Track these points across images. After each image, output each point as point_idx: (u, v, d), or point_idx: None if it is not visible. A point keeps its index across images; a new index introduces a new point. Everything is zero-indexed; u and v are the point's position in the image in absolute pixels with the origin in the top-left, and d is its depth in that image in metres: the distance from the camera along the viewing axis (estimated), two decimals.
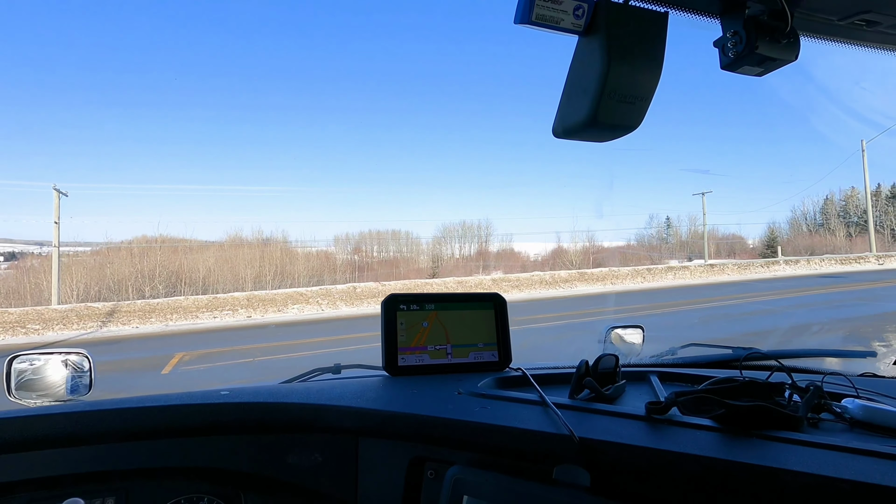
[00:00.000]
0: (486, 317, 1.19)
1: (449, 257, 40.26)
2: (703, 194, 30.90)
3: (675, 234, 43.83)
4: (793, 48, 0.76)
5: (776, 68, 0.80)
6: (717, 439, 0.76)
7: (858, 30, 0.82)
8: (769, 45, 0.74)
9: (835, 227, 38.48)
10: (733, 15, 0.77)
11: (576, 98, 0.74)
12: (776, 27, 0.74)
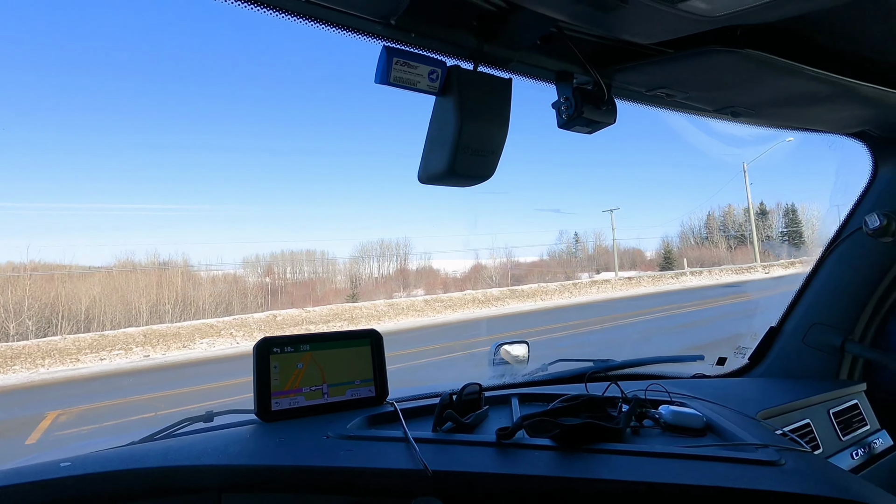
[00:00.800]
0: (362, 354, 1.20)
1: (368, 277, 38.53)
2: (611, 211, 32.94)
3: (583, 249, 46.38)
4: (611, 113, 0.96)
5: (600, 129, 0.99)
6: (554, 458, 0.86)
7: (662, 99, 1.08)
8: (592, 110, 0.93)
9: (717, 240, 43.56)
10: (565, 84, 0.95)
11: (436, 150, 0.84)
12: (598, 96, 0.94)
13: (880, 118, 1.25)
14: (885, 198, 1.42)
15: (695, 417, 0.95)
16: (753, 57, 0.86)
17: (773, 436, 0.95)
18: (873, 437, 1.36)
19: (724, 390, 1.35)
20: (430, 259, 40.50)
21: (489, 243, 71.19)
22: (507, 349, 1.88)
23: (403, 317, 19.87)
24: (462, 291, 23.10)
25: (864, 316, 1.48)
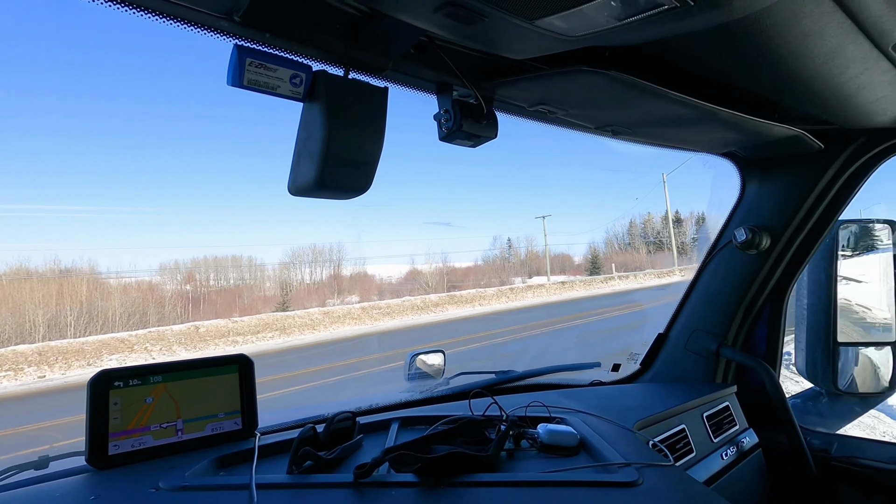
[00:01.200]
0: (228, 382, 1.07)
1: (299, 283, 37.25)
2: (543, 218, 34.20)
3: (516, 254, 47.70)
4: (492, 127, 0.96)
5: (483, 143, 0.99)
6: (416, 496, 0.78)
7: (545, 115, 1.09)
8: (472, 123, 0.93)
9: (638, 246, 46.60)
10: (445, 95, 0.94)
11: (304, 161, 0.78)
12: (478, 109, 0.93)
13: (742, 141, 1.35)
14: (751, 213, 1.55)
15: (569, 436, 0.94)
16: (620, 79, 0.88)
17: (642, 449, 0.97)
18: (742, 435, 1.47)
19: (612, 398, 1.39)
20: (364, 265, 39.95)
21: (425, 248, 71.57)
22: (423, 359, 1.84)
23: (340, 325, 19.37)
24: (400, 298, 22.94)
25: (736, 322, 1.60)
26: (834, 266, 1.68)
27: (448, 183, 66.24)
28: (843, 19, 0.75)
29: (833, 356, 1.72)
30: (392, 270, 38.94)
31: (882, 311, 1.77)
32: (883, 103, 1.11)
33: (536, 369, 1.71)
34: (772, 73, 0.93)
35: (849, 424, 1.83)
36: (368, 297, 30.29)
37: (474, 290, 23.76)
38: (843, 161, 1.39)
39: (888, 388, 1.74)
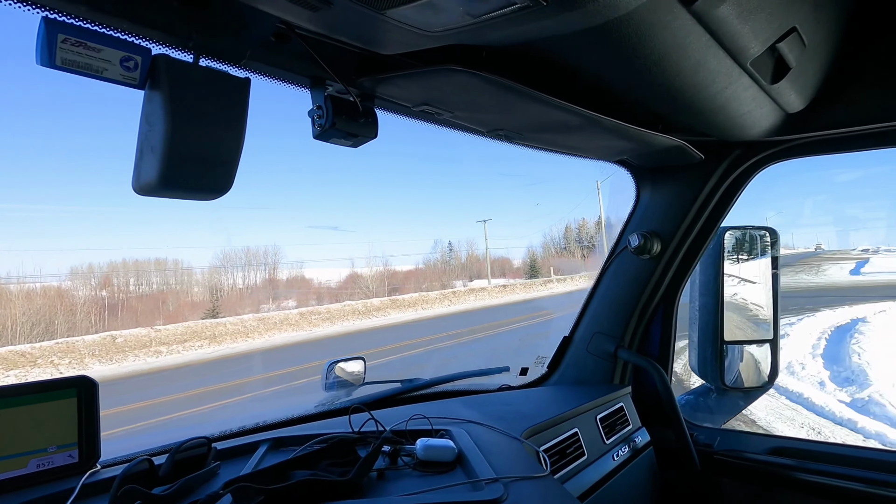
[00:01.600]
0: (63, 409, 0.93)
1: (231, 288, 35.47)
2: (484, 222, 34.77)
3: (456, 257, 48.15)
4: (371, 126, 0.92)
5: (363, 143, 0.94)
6: None
7: (432, 116, 1.04)
8: (348, 122, 0.88)
9: (573, 250, 48.56)
10: (318, 91, 0.88)
11: (147, 156, 0.70)
12: (353, 107, 0.89)
13: (632, 149, 1.40)
14: (644, 219, 1.62)
15: (447, 450, 0.91)
16: (495, 81, 0.87)
17: (522, 460, 0.97)
18: (635, 435, 1.53)
19: (511, 404, 1.40)
20: (302, 268, 38.72)
21: (366, 252, 70.60)
22: (342, 367, 1.77)
23: (276, 332, 18.61)
24: (341, 302, 22.38)
25: (632, 324, 1.67)
26: (721, 270, 1.79)
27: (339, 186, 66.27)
28: (701, 33, 0.78)
29: (720, 354, 1.83)
30: (331, 274, 38.02)
31: (763, 311, 1.91)
32: (750, 118, 1.19)
33: (444, 376, 1.68)
34: (646, 83, 0.96)
35: (777, 417, 1.95)
36: (307, 301, 29.36)
37: (416, 293, 23.67)
38: (723, 171, 1.48)
39: (767, 382, 1.88)
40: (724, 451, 1.53)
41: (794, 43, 0.91)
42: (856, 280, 23.76)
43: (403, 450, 0.94)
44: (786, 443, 1.52)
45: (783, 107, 1.18)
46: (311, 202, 62.82)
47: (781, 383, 7.08)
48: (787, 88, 1.08)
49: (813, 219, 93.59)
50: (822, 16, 0.92)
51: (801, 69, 1.03)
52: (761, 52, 0.89)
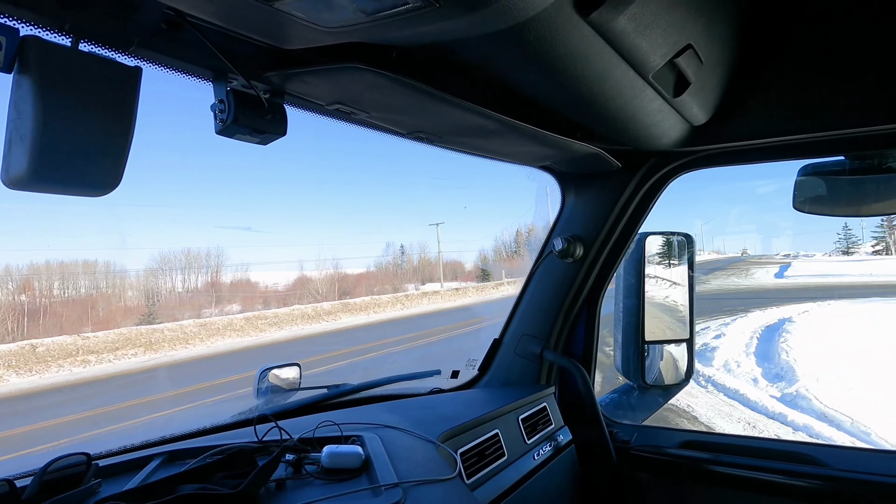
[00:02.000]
0: None
1: (170, 292, 33.66)
2: (437, 225, 34.86)
3: (409, 261, 48.02)
4: (280, 123, 0.88)
5: (272, 140, 0.90)
6: None
7: (348, 115, 1.03)
8: (253, 117, 0.83)
9: (523, 253, 49.62)
10: (220, 84, 0.84)
11: (16, 146, 0.65)
12: (257, 102, 0.84)
13: (554, 155, 1.45)
14: (569, 224, 1.68)
15: (352, 457, 0.90)
16: (405, 83, 0.86)
17: (432, 464, 0.97)
18: (557, 433, 1.57)
19: (435, 408, 1.40)
20: (247, 271, 37.34)
21: (316, 254, 69.10)
22: (276, 374, 1.71)
23: (219, 338, 17.79)
24: (289, 306, 21.70)
25: (557, 326, 1.72)
26: (642, 273, 1.88)
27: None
28: (603, 45, 0.81)
29: (642, 353, 1.91)
30: (279, 277, 36.87)
31: (680, 312, 2.02)
32: (659, 129, 1.25)
33: (373, 381, 1.66)
34: (558, 90, 0.98)
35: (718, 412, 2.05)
36: (252, 306, 28.29)
37: (368, 297, 23.36)
38: (639, 179, 1.55)
39: (684, 380, 1.99)
40: (640, 447, 1.60)
41: (691, 59, 0.96)
42: (780, 283, 25.72)
43: (308, 458, 0.91)
44: (697, 437, 1.61)
45: (688, 119, 1.25)
46: (223, 200, 60.77)
47: (720, 381, 7.55)
48: (689, 102, 1.14)
49: (739, 226, 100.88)
50: (716, 35, 0.98)
51: (701, 84, 1.09)
52: (661, 65, 0.93)
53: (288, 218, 60.21)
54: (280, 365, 1.74)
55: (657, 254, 1.96)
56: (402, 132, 1.18)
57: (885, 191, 1.36)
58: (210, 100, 0.88)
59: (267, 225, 57.66)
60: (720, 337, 10.64)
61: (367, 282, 37.04)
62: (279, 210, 61.86)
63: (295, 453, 0.91)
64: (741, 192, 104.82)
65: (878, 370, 7.55)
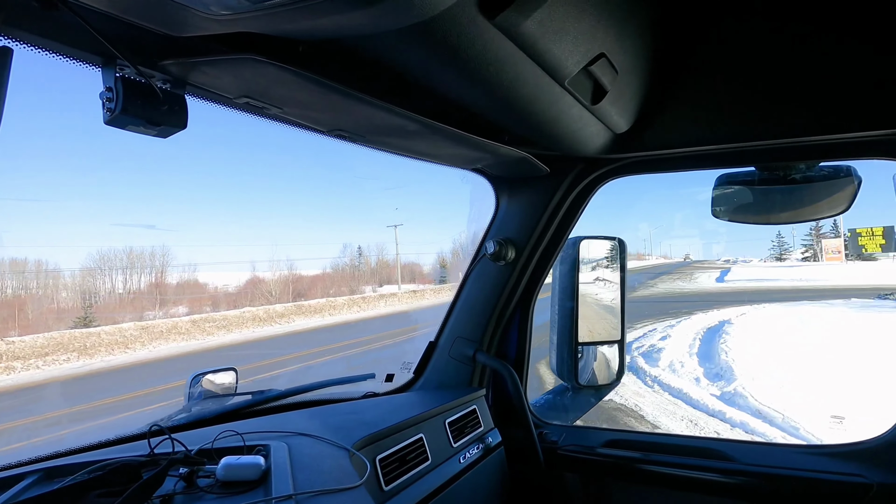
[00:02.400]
0: None
1: (109, 293, 31.78)
2: (395, 227, 34.66)
3: (366, 262, 47.50)
4: (178, 115, 0.83)
5: (172, 133, 0.85)
6: None
7: (258, 110, 0.99)
8: (145, 108, 0.79)
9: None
10: (108, 70, 0.78)
11: None
12: (149, 91, 0.79)
13: (484, 158, 1.45)
14: (502, 227, 1.69)
15: (251, 468, 0.86)
16: (311, 78, 0.83)
17: (338, 473, 0.94)
18: (487, 435, 1.58)
19: (360, 413, 1.37)
20: (195, 271, 35.78)
21: (269, 255, 67.13)
22: (210, 379, 1.65)
23: (163, 342, 16.90)
24: (239, 309, 20.91)
25: (490, 328, 1.73)
26: (576, 276, 1.92)
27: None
28: (514, 49, 0.81)
29: (575, 355, 1.96)
30: (229, 278, 35.54)
31: (612, 314, 2.08)
32: (582, 135, 1.27)
33: (302, 386, 1.61)
34: (477, 93, 0.98)
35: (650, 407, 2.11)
36: (200, 308, 27.09)
37: (324, 299, 22.85)
38: (568, 184, 1.58)
39: (616, 380, 2.05)
40: (567, 447, 1.63)
41: (605, 68, 0.98)
42: (721, 287, 27.18)
43: (202, 470, 0.86)
44: (622, 436, 1.66)
45: (610, 127, 1.28)
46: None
47: (665, 380, 7.87)
48: (609, 110, 1.17)
49: (683, 231, 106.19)
50: (628, 45, 1.01)
51: (619, 93, 1.12)
52: (576, 72, 0.95)
53: (237, 216, 58.20)
54: (215, 370, 1.68)
55: (591, 259, 2.01)
56: (322, 130, 1.14)
57: (790, 201, 1.45)
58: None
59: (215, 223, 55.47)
60: (666, 338, 11.11)
61: (322, 283, 36.29)
62: (223, 206, 59.67)
63: (188, 466, 0.86)
64: (684, 199, 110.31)
65: (806, 368, 8.10)
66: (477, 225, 1.80)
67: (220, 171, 67.93)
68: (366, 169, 73.39)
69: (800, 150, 1.33)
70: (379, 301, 23.25)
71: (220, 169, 68.33)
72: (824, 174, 1.39)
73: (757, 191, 1.48)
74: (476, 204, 1.77)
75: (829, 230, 52.85)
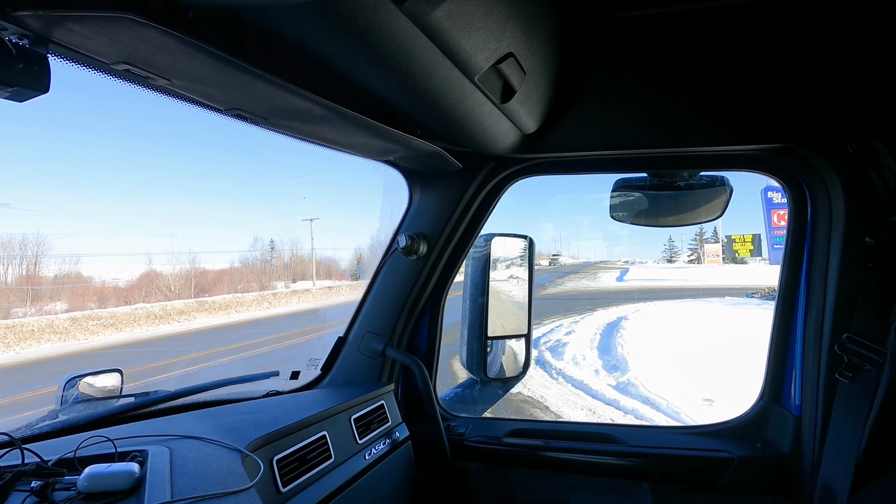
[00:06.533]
0: None
1: None
2: (311, 220, 33.39)
3: (279, 257, 45.41)
4: (39, 78, 0.74)
5: (31, 96, 0.76)
6: None
7: (141, 80, 0.89)
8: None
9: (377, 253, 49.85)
10: None
11: None
12: (3, 48, 0.70)
13: (395, 150, 1.43)
14: (414, 221, 1.69)
15: (121, 476, 0.79)
16: (201, 48, 0.75)
17: (227, 476, 0.88)
18: (395, 430, 1.57)
19: (258, 412, 1.29)
20: (78, 263, 31.91)
21: (168, 247, 61.61)
22: (89, 382, 1.51)
23: (33, 342, 14.82)
24: (131, 305, 18.92)
25: (401, 323, 1.72)
26: (487, 272, 1.97)
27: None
28: (424, 39, 0.80)
29: (484, 349, 2.01)
30: (120, 272, 32.11)
31: (520, 310, 2.17)
32: (493, 133, 1.30)
33: (196, 386, 1.49)
34: (389, 83, 0.95)
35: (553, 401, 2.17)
36: (83, 304, 24.17)
37: (230, 295, 21.41)
38: (480, 182, 1.61)
39: (522, 372, 2.14)
40: (473, 438, 1.67)
41: (513, 68, 1.01)
42: (620, 285, 29.55)
43: (60, 482, 0.77)
44: (525, 425, 1.73)
45: (519, 127, 1.32)
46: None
47: (569, 373, 8.37)
48: (518, 110, 1.21)
49: (590, 233, 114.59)
50: (535, 47, 1.04)
51: (527, 94, 1.16)
52: (485, 69, 0.96)
53: (128, 200, 52.69)
54: (95, 371, 1.54)
55: (503, 256, 2.08)
56: (219, 108, 1.05)
57: (675, 206, 1.60)
58: None
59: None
60: (570, 333, 11.84)
61: (229, 278, 34.01)
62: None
63: (41, 479, 0.76)
64: (591, 203, 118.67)
65: (687, 358, 9.07)
66: (389, 219, 1.78)
67: (105, 148, 60.95)
68: (273, 155, 69.83)
69: (685, 159, 1.46)
70: (291, 297, 22.27)
71: (104, 145, 61.28)
72: (703, 182, 1.55)
73: (649, 195, 1.61)
74: (388, 197, 1.75)
75: (710, 236, 59.55)
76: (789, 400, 1.48)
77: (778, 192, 32.98)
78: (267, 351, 11.94)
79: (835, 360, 1.29)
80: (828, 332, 1.33)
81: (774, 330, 1.52)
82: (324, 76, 0.95)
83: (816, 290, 1.38)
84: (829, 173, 1.33)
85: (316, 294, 23.85)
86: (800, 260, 1.46)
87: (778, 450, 1.46)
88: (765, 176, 1.49)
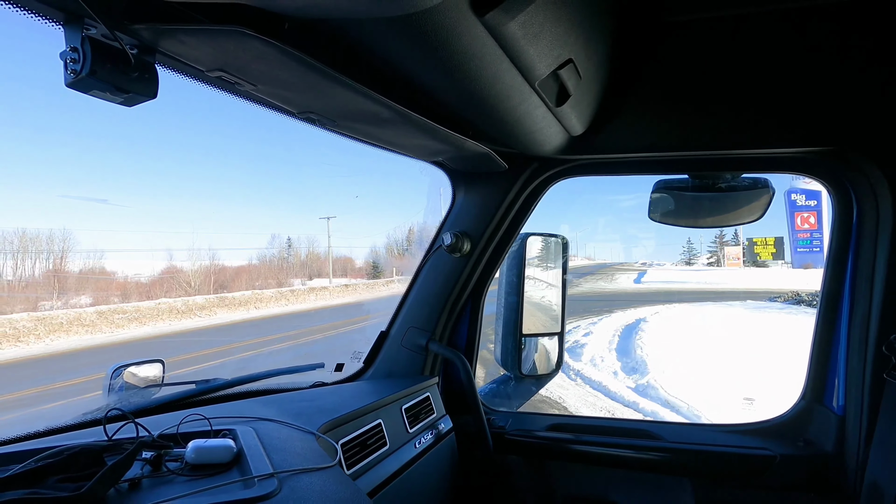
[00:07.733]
0: None
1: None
2: (328, 219, 33.71)
3: (296, 255, 45.92)
4: (148, 84, 0.79)
5: (139, 102, 0.81)
6: None
7: (231, 86, 0.97)
8: (114, 73, 0.74)
9: (415, 252, 50.14)
10: (73, 29, 0.73)
11: None
12: (120, 56, 0.75)
13: (445, 151, 1.49)
14: (458, 220, 1.74)
15: (221, 450, 0.85)
16: (295, 56, 0.82)
17: (312, 454, 0.95)
18: (439, 422, 1.62)
19: (316, 401, 1.36)
20: (102, 258, 32.71)
21: (189, 243, 62.79)
22: (133, 372, 1.54)
23: (63, 334, 15.28)
24: (154, 300, 19.35)
25: (443, 319, 1.77)
26: (522, 271, 2.01)
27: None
28: (495, 47, 0.85)
29: (519, 346, 2.05)
30: (142, 267, 32.83)
31: (553, 308, 2.20)
32: (541, 135, 1.34)
33: (248, 375, 1.56)
34: (454, 87, 1.00)
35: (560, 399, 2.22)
36: (107, 298, 24.80)
37: (249, 291, 21.74)
38: (523, 182, 1.66)
39: (555, 369, 2.17)
40: (514, 432, 1.71)
41: (571, 73, 1.05)
42: (638, 287, 29.26)
43: (169, 454, 0.84)
44: (562, 420, 1.77)
45: (567, 129, 1.37)
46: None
47: (587, 374, 8.36)
48: (569, 113, 1.25)
49: (607, 235, 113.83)
50: (592, 53, 1.09)
51: (579, 98, 1.20)
52: (546, 75, 1.01)
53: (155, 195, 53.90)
54: (138, 362, 1.57)
55: (537, 255, 2.12)
56: (293, 111, 1.12)
57: (716, 208, 1.62)
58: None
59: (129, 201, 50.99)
60: (589, 335, 11.80)
61: (248, 275, 34.54)
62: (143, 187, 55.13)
63: (154, 450, 0.83)
64: (610, 205, 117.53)
65: (707, 362, 8.97)
66: (432, 216, 1.83)
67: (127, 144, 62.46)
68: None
69: (728, 161, 1.49)
70: (309, 294, 22.54)
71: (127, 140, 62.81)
72: (746, 184, 1.56)
73: (689, 197, 1.63)
74: (433, 196, 1.80)
75: (730, 238, 58.55)
76: (832, 399, 1.49)
77: (802, 194, 32.03)
78: (299, 344, 12.12)
79: (882, 360, 1.31)
80: (874, 333, 1.34)
81: (817, 331, 1.54)
82: (397, 82, 1.01)
83: (862, 291, 1.40)
84: (876, 175, 1.34)
85: (333, 291, 24.09)
86: (844, 261, 1.47)
87: (821, 448, 1.47)
88: (808, 178, 1.51)
